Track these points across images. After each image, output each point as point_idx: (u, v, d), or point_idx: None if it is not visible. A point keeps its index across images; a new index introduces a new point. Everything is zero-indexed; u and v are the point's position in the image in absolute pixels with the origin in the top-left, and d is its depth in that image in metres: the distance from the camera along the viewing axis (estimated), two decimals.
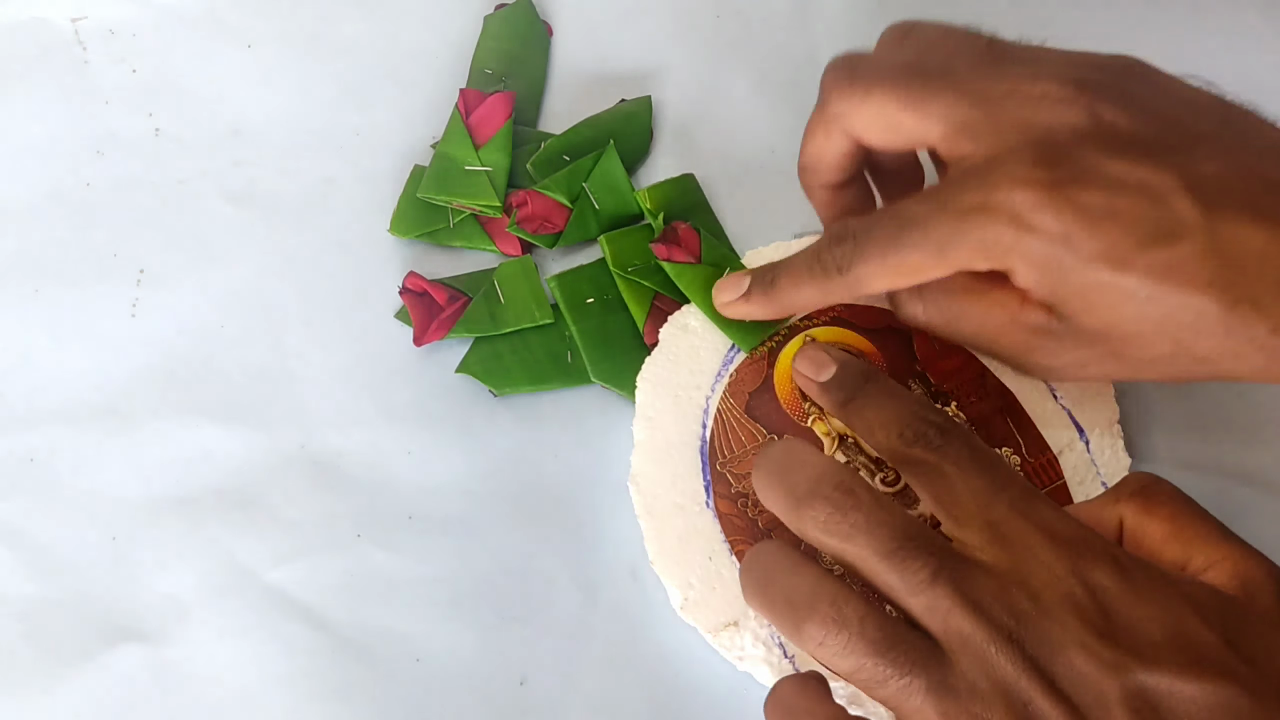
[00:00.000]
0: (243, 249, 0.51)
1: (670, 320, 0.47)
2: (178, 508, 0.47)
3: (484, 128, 0.51)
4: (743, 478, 0.44)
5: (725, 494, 0.44)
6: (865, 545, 0.34)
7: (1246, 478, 0.47)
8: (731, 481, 0.44)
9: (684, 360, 0.46)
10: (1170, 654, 0.32)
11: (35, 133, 0.53)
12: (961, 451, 0.36)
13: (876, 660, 0.33)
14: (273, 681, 0.44)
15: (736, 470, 0.45)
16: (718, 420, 0.45)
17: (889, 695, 0.33)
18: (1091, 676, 0.32)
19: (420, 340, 0.49)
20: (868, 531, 0.34)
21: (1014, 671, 0.32)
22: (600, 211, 0.51)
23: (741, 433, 0.45)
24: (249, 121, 0.54)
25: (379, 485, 0.47)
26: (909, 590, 0.33)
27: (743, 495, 0.44)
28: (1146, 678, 0.31)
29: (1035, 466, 0.45)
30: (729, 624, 0.42)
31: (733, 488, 0.44)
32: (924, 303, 0.41)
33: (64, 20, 0.55)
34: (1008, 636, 0.32)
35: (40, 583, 0.46)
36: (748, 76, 0.55)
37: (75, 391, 0.49)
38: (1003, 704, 0.32)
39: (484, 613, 0.46)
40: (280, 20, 0.56)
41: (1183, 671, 0.31)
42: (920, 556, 0.33)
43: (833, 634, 0.33)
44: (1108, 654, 0.32)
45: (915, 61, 0.41)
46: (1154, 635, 0.32)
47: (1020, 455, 0.45)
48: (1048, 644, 0.32)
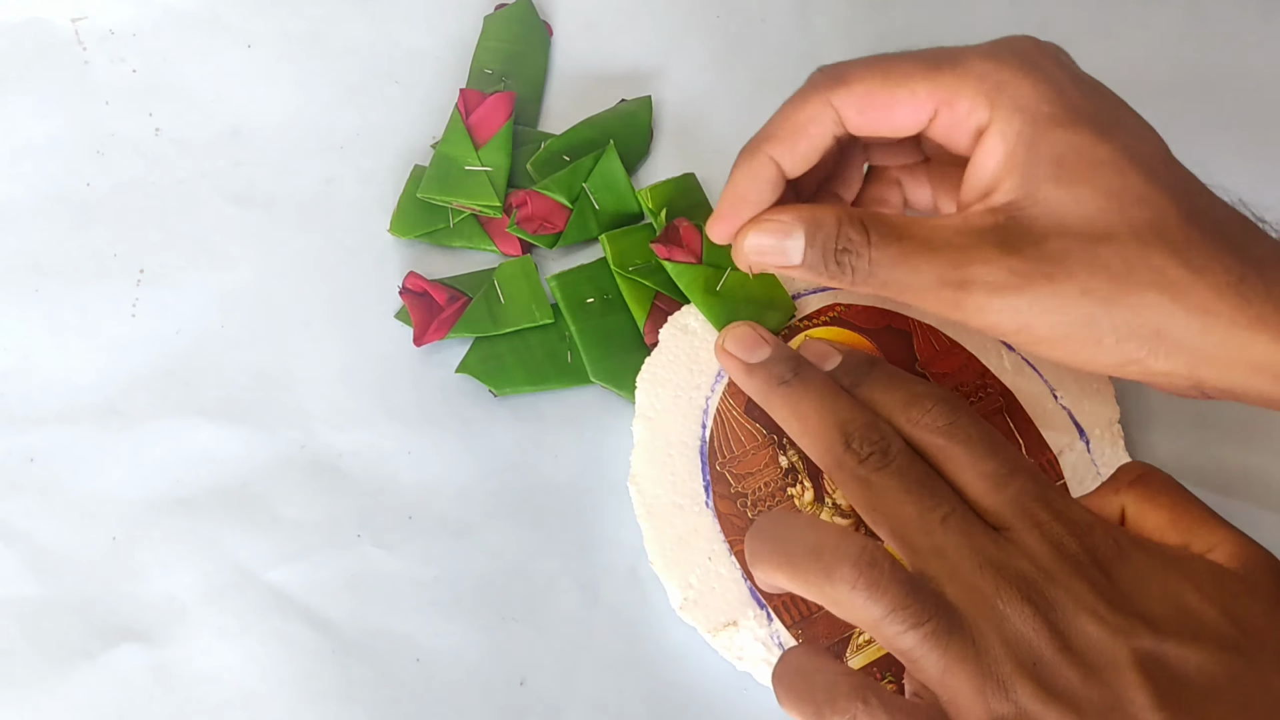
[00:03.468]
0: (243, 249, 0.52)
1: (670, 320, 0.47)
2: (178, 508, 0.47)
3: (484, 128, 0.51)
4: (742, 478, 0.44)
5: (725, 494, 0.44)
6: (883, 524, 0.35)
7: (1246, 478, 0.47)
8: (731, 482, 0.44)
9: (684, 360, 0.46)
10: (1175, 625, 0.32)
11: (35, 133, 0.53)
12: (971, 432, 0.36)
13: (905, 603, 0.33)
14: (273, 681, 0.44)
15: (736, 471, 0.45)
16: (717, 420, 0.45)
17: (910, 646, 0.33)
18: (1103, 641, 0.32)
19: (420, 340, 0.49)
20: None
21: (1027, 629, 0.32)
22: (600, 211, 0.51)
23: (741, 433, 0.45)
24: (249, 121, 0.54)
25: (379, 485, 0.47)
26: (928, 536, 0.34)
27: (742, 495, 0.44)
28: (1155, 645, 0.32)
29: (1036, 467, 0.45)
30: (728, 624, 0.42)
31: (732, 488, 0.44)
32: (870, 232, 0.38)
33: (64, 20, 0.55)
34: (1022, 596, 0.33)
35: (40, 583, 0.46)
36: (748, 76, 0.55)
37: (75, 391, 0.49)
38: (1013, 659, 0.32)
39: (484, 613, 0.46)
40: (280, 20, 0.56)
41: (1187, 642, 0.32)
42: (937, 504, 0.35)
43: (866, 576, 0.33)
44: (1117, 620, 0.32)
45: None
46: (1159, 608, 0.33)
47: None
48: (1060, 607, 0.33)
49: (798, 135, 0.40)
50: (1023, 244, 0.36)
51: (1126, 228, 0.36)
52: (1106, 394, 0.46)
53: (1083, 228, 0.36)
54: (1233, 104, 0.54)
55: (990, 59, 0.38)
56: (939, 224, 0.38)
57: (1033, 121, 0.37)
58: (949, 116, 0.38)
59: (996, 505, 0.35)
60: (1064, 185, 0.36)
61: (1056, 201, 0.36)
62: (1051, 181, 0.36)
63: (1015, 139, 0.37)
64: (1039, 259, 0.36)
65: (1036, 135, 0.37)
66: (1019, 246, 0.36)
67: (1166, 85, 0.53)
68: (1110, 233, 0.36)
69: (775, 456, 0.45)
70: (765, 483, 0.44)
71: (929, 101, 0.38)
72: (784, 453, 0.45)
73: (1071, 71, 0.38)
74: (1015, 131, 0.37)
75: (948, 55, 0.38)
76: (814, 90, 0.40)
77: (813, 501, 0.44)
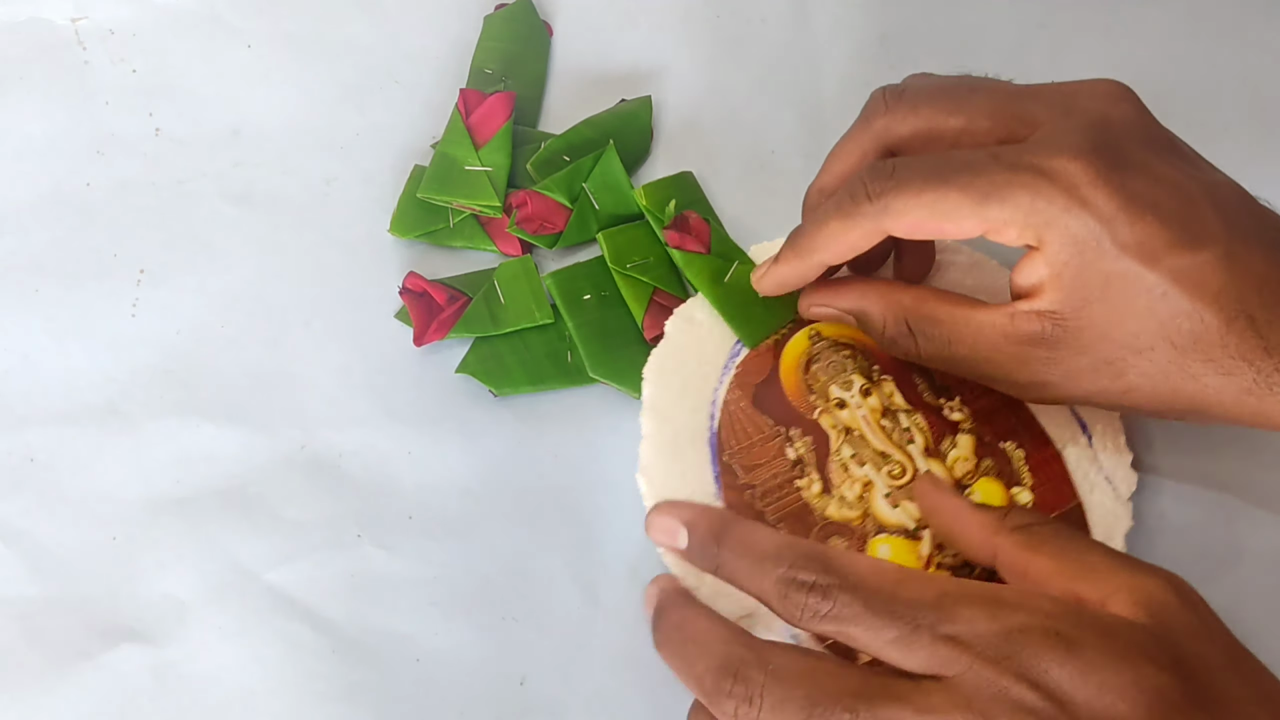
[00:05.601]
0: (243, 249, 0.52)
1: (676, 313, 0.47)
2: (178, 508, 0.47)
3: (484, 128, 0.51)
4: (751, 469, 0.44)
5: (733, 485, 0.44)
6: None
7: (1247, 471, 0.47)
8: (739, 473, 0.44)
9: (691, 353, 0.46)
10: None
11: (35, 133, 0.53)
12: (853, 605, 0.34)
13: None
14: (273, 681, 0.44)
15: (744, 462, 0.44)
16: (725, 411, 0.45)
17: None
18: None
19: (420, 340, 0.49)
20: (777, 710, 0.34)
21: None
22: (600, 211, 0.51)
23: (749, 424, 0.45)
24: (249, 121, 0.54)
25: (379, 485, 0.47)
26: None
27: (750, 487, 0.44)
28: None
29: (1038, 461, 0.45)
30: (743, 616, 0.42)
31: (740, 479, 0.44)
32: (916, 336, 0.41)
33: (64, 20, 0.55)
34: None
35: (40, 583, 0.46)
36: (748, 76, 0.55)
37: (75, 391, 0.49)
38: None
39: (484, 613, 0.46)
40: (280, 20, 0.56)
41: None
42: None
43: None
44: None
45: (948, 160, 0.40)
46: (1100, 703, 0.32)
47: (1024, 450, 0.45)
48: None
49: (847, 254, 0.42)
50: (1069, 355, 0.39)
51: (1165, 340, 0.37)
52: None
53: (1125, 341, 0.38)
54: (1233, 104, 0.54)
55: (1038, 195, 0.37)
56: (987, 324, 0.40)
57: (1080, 254, 0.37)
58: (998, 237, 0.39)
59: (917, 666, 0.34)
60: (1110, 306, 0.37)
61: (1102, 317, 0.38)
62: (1098, 302, 0.38)
63: (1063, 266, 0.38)
64: (1086, 367, 0.39)
65: (1084, 265, 0.37)
66: (1064, 358, 0.39)
67: (1166, 85, 0.53)
68: (1151, 345, 0.38)
69: (783, 448, 0.45)
70: (773, 474, 0.44)
71: (976, 229, 0.39)
72: (791, 445, 0.45)
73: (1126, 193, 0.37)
74: (1063, 261, 0.38)
75: (993, 185, 0.38)
76: (863, 217, 0.40)
77: (820, 493, 0.44)
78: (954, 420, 0.45)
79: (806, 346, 0.46)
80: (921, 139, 0.41)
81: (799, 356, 0.46)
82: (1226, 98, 0.54)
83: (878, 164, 0.40)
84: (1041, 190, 0.37)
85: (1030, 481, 0.45)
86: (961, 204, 0.38)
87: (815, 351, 0.46)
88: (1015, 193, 0.37)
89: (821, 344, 0.46)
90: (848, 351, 0.46)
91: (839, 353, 0.46)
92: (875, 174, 0.40)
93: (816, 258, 0.42)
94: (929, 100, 0.41)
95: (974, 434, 0.45)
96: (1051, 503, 0.44)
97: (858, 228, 0.40)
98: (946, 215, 0.38)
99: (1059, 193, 0.37)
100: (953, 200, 0.38)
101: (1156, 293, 0.37)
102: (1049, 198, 0.37)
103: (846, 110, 0.44)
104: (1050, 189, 0.37)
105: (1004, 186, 0.37)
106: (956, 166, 0.38)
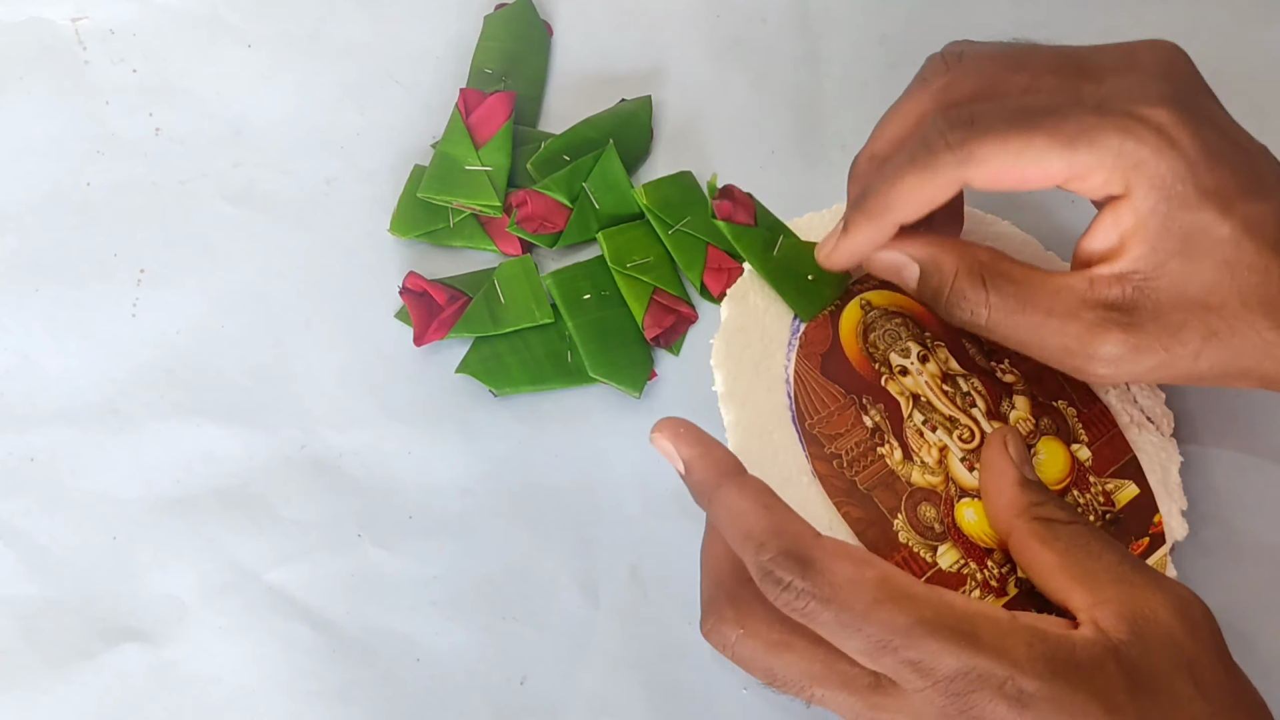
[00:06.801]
0: (243, 249, 0.52)
1: (729, 296, 0.46)
2: (178, 508, 0.47)
3: (484, 128, 0.51)
4: (833, 438, 0.43)
5: (820, 455, 0.43)
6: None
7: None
8: (824, 443, 0.43)
9: (754, 333, 0.45)
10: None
11: (35, 133, 0.53)
12: (824, 611, 0.34)
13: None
14: (273, 681, 0.44)
15: (826, 431, 0.43)
16: (799, 384, 0.44)
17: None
18: None
19: (420, 340, 0.49)
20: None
21: None
22: (600, 211, 0.51)
23: (824, 394, 0.44)
24: (249, 121, 0.54)
25: (379, 485, 0.47)
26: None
27: (836, 456, 0.43)
28: None
29: (1089, 417, 0.45)
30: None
31: (826, 449, 0.43)
32: (990, 291, 0.40)
33: (64, 20, 0.55)
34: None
35: (40, 583, 0.46)
36: (748, 76, 0.55)
37: (75, 391, 0.49)
38: None
39: (484, 613, 0.46)
40: (280, 20, 0.56)
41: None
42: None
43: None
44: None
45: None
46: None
47: (1075, 407, 0.45)
48: None
49: (924, 209, 0.40)
50: (1146, 320, 0.38)
51: (1236, 295, 0.37)
52: None
53: (1199, 297, 0.38)
54: (1233, 105, 0.54)
55: (1128, 136, 0.37)
56: (1064, 288, 0.39)
57: (1166, 199, 0.37)
58: (1081, 184, 0.38)
59: (878, 670, 0.34)
60: (1188, 260, 0.37)
61: (1180, 274, 0.38)
62: (1179, 256, 0.38)
63: (1149, 214, 0.37)
64: (1159, 333, 0.38)
65: (1170, 213, 0.37)
66: (1142, 323, 0.38)
67: None
68: (1222, 301, 0.38)
69: (859, 416, 0.44)
70: (855, 442, 0.43)
71: (1062, 174, 0.38)
72: (866, 413, 0.44)
73: (1203, 140, 0.38)
74: (1150, 208, 0.37)
75: (1081, 128, 0.37)
76: (943, 167, 0.39)
77: (903, 460, 0.43)
78: (1007, 382, 0.45)
79: (861, 315, 0.46)
80: (985, 98, 0.40)
81: (855, 325, 0.45)
82: (1226, 98, 0.54)
83: (953, 112, 0.39)
84: (1132, 131, 0.37)
85: (1086, 438, 0.45)
86: (1049, 148, 0.37)
87: (870, 320, 0.46)
88: (1106, 135, 0.37)
89: (874, 313, 0.46)
90: (899, 319, 0.46)
91: (891, 320, 0.46)
92: (953, 122, 0.38)
93: (890, 217, 0.40)
94: (991, 58, 0.41)
95: (1028, 395, 0.45)
96: (1109, 457, 0.45)
97: (936, 179, 0.39)
98: (1033, 161, 0.37)
99: (1150, 133, 0.37)
100: (1040, 145, 0.37)
101: (1229, 243, 0.37)
102: (1140, 138, 0.37)
103: (846, 110, 0.44)
104: (1141, 129, 0.37)
105: (1093, 129, 0.37)
106: (1040, 111, 0.38)
